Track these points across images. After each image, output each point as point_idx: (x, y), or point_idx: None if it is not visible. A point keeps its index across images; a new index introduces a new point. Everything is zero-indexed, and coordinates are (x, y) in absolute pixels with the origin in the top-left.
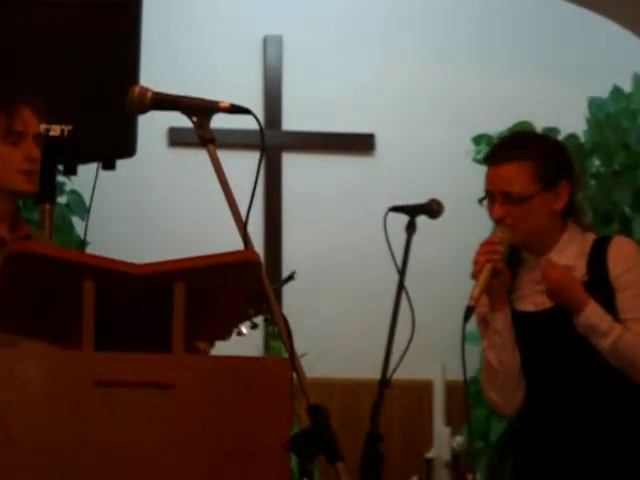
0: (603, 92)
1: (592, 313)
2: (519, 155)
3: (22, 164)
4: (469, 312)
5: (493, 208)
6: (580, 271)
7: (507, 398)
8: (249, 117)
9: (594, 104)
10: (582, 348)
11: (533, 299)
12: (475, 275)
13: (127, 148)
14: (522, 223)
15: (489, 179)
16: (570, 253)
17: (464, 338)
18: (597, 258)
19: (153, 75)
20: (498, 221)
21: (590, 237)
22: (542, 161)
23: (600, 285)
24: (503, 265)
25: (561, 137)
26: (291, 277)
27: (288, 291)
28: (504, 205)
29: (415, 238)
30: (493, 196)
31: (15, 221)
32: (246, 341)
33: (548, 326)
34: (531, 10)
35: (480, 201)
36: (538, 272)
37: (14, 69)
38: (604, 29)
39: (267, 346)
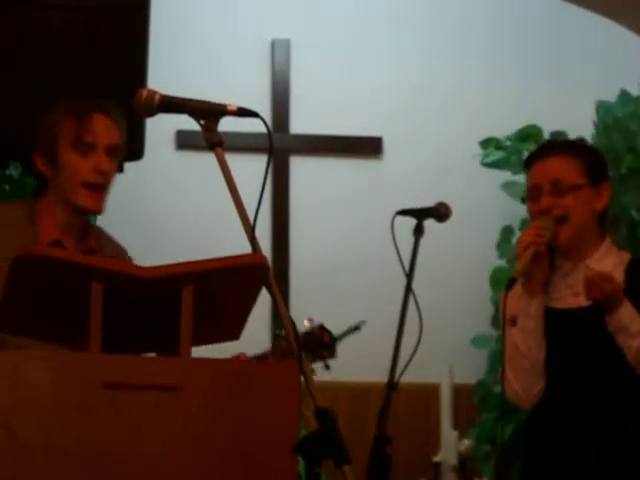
0: (611, 96)
1: (625, 313)
2: (568, 150)
3: (89, 176)
4: (512, 283)
5: (539, 202)
6: (618, 279)
7: (528, 387)
8: (257, 120)
9: (601, 108)
10: (609, 351)
11: (567, 300)
12: (518, 254)
13: (135, 151)
14: (572, 214)
15: (535, 174)
16: (608, 263)
17: (504, 311)
18: (633, 276)
19: (161, 78)
20: (545, 211)
21: (626, 255)
22: (590, 157)
23: (635, 295)
24: (545, 250)
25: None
26: (358, 327)
27: (295, 294)
28: (551, 197)
29: (423, 241)
30: (539, 190)
31: (84, 233)
32: (253, 344)
33: (579, 325)
34: (539, 14)
35: (523, 200)
36: (574, 277)
37: (20, 72)
38: (612, 33)
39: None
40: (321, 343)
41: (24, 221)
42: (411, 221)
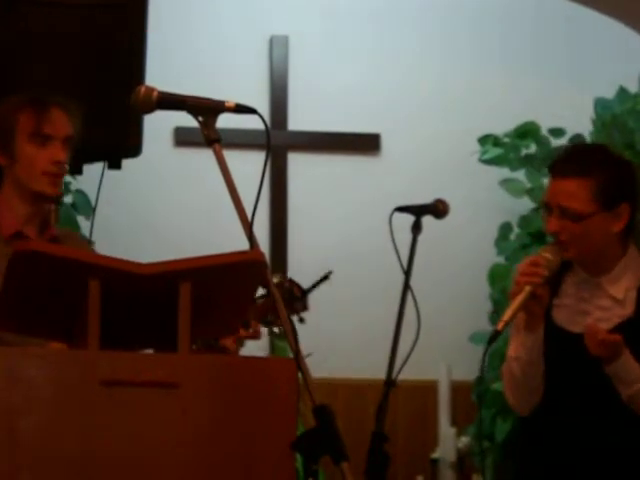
0: (609, 93)
1: (622, 365)
2: (582, 171)
3: (47, 166)
4: (495, 336)
5: (549, 221)
6: (629, 306)
7: (524, 402)
8: (255, 117)
9: (600, 105)
10: (605, 379)
11: (571, 316)
12: (512, 296)
13: (133, 148)
14: (577, 241)
15: (549, 191)
16: (623, 283)
17: (484, 361)
18: None
19: (159, 74)
20: (552, 235)
21: None
22: (605, 180)
23: None
24: (543, 289)
25: (567, 138)
26: (326, 277)
27: None
28: (560, 220)
29: (421, 238)
30: (550, 209)
31: (45, 223)
32: (251, 341)
33: (576, 350)
34: (536, 10)
35: (537, 210)
36: (586, 290)
37: (19, 69)
38: (610, 30)
39: (272, 346)
40: (292, 296)
41: None
42: (409, 218)
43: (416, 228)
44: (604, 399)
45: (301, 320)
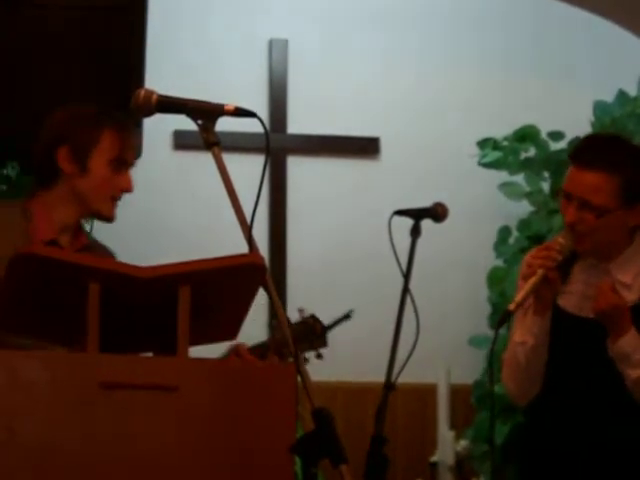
0: (608, 96)
1: (628, 342)
2: (609, 165)
3: (117, 192)
4: (507, 316)
5: (567, 209)
6: (636, 291)
7: (524, 390)
8: (254, 120)
9: (599, 108)
10: (610, 365)
11: (579, 302)
12: (525, 278)
13: None
14: (594, 235)
15: (570, 180)
16: (631, 268)
17: (495, 342)
18: None
19: (158, 78)
20: (569, 225)
21: None
22: (631, 177)
23: None
24: (556, 274)
25: (566, 141)
26: (348, 316)
27: (293, 293)
28: (579, 211)
29: (420, 241)
30: (570, 197)
31: (77, 231)
32: (250, 343)
33: (585, 334)
34: (536, 14)
35: (553, 195)
36: (593, 276)
37: (18, 73)
38: (610, 33)
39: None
40: (313, 333)
41: (20, 220)
42: (408, 221)
43: (415, 232)
44: (610, 384)
45: (319, 356)
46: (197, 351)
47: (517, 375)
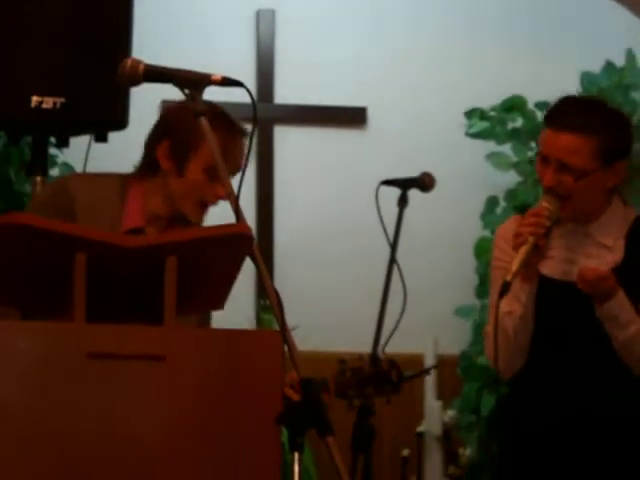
0: (595, 67)
1: (616, 304)
2: (586, 127)
3: (210, 199)
4: (506, 287)
5: (545, 173)
6: (618, 253)
7: (510, 363)
8: (242, 90)
9: (586, 79)
10: (597, 328)
11: (561, 266)
12: (516, 247)
13: (119, 120)
14: (574, 197)
15: (547, 143)
16: (611, 230)
17: (497, 315)
18: (636, 239)
19: (144, 48)
20: (548, 189)
21: (631, 214)
22: (608, 138)
23: (635, 268)
24: (545, 240)
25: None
26: (428, 372)
27: (279, 264)
28: (558, 174)
29: (407, 211)
30: (547, 161)
31: (171, 223)
32: (238, 313)
33: (569, 298)
34: None
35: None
36: (574, 239)
37: (6, 42)
38: (597, 4)
39: (259, 319)
40: (387, 379)
41: (116, 198)
42: (395, 191)
43: (402, 202)
44: (597, 347)
45: (388, 401)
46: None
47: (505, 346)
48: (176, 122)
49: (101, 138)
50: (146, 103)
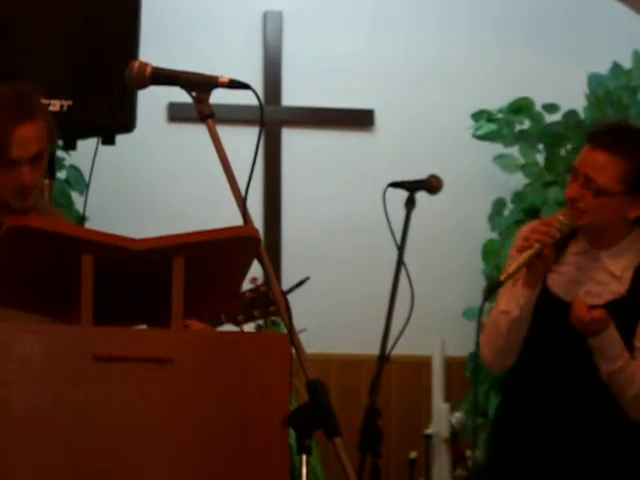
0: (603, 68)
1: (606, 338)
2: (619, 149)
3: (14, 186)
4: (497, 286)
5: (571, 185)
6: (624, 284)
7: (500, 359)
8: (249, 92)
9: (594, 80)
10: (590, 351)
11: (567, 286)
12: (519, 249)
13: (126, 123)
14: (591, 213)
15: (581, 157)
16: (622, 260)
17: (481, 312)
18: None
19: (152, 50)
20: (569, 199)
21: None
22: (637, 165)
23: (635, 305)
24: (551, 250)
25: (561, 113)
26: (302, 282)
27: (287, 266)
28: (582, 188)
29: (414, 213)
30: (577, 174)
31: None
32: None
33: (567, 319)
34: None
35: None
36: (585, 261)
37: (13, 44)
38: (604, 6)
39: (266, 321)
40: (267, 299)
41: None
42: (403, 193)
43: (410, 204)
44: (587, 369)
45: (273, 324)
46: None
47: (496, 342)
48: None
49: (108, 140)
50: (153, 106)
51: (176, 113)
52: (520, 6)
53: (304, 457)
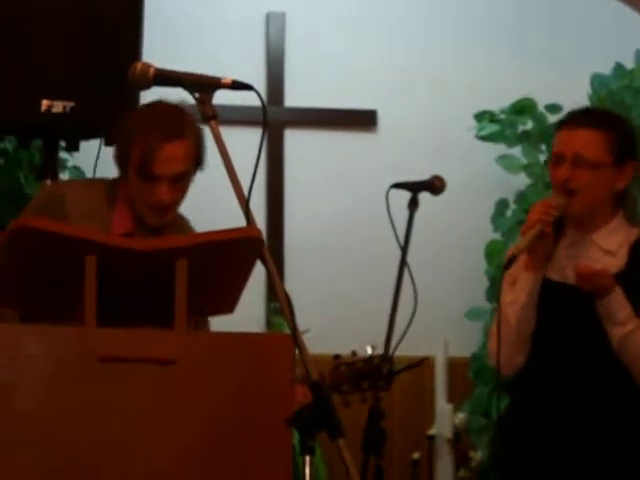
0: (605, 69)
1: (613, 300)
2: (600, 123)
3: (151, 202)
4: (511, 261)
5: (558, 170)
6: (620, 259)
7: (510, 357)
8: (252, 93)
9: (596, 81)
10: (598, 331)
11: (564, 272)
12: (524, 231)
13: None
14: (585, 190)
15: (562, 141)
16: (614, 239)
17: (501, 283)
18: (638, 255)
19: (154, 51)
20: (561, 183)
21: (636, 231)
22: (620, 135)
23: (635, 278)
24: (551, 230)
25: (563, 113)
26: (419, 364)
27: (290, 267)
28: (572, 169)
29: (417, 214)
30: (562, 159)
31: (160, 225)
32: (248, 317)
33: (571, 298)
34: None
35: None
36: (578, 248)
37: (16, 46)
38: (607, 6)
39: (269, 322)
40: (378, 373)
41: (105, 202)
42: (406, 194)
43: (413, 205)
44: (596, 349)
45: (364, 400)
46: None
47: (505, 338)
48: (116, 128)
49: (111, 142)
50: None
51: None
52: (523, 9)
53: (307, 458)
